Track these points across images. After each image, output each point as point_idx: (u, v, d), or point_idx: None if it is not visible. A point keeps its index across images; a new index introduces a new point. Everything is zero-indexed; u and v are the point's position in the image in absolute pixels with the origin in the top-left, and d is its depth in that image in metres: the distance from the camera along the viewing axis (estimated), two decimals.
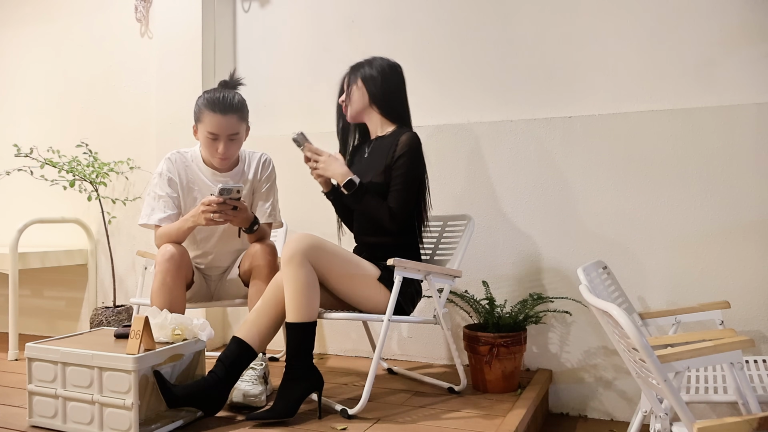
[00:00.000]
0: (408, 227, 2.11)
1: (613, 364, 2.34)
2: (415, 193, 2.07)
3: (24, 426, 1.81)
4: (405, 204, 2.03)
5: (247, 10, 2.99)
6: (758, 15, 2.19)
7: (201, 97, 2.12)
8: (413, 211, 2.10)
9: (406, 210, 2.04)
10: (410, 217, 2.10)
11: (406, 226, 2.10)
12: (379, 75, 2.13)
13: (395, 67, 2.17)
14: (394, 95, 2.15)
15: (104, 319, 2.75)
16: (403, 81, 2.18)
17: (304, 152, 2.08)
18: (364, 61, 2.17)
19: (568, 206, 2.41)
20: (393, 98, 2.15)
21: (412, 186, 2.05)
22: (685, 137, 2.26)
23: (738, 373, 1.34)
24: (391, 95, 2.14)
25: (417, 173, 2.06)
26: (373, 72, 2.13)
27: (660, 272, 2.28)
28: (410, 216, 2.10)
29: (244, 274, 2.17)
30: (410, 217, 2.10)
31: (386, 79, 2.13)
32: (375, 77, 2.12)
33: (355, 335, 2.74)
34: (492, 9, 2.55)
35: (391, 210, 2.02)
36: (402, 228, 2.08)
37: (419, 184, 2.09)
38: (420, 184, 2.10)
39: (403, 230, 2.10)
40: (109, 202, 3.08)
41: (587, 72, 2.41)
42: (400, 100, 2.17)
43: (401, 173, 2.03)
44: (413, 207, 2.09)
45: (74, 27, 3.30)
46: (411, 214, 2.10)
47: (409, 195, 2.04)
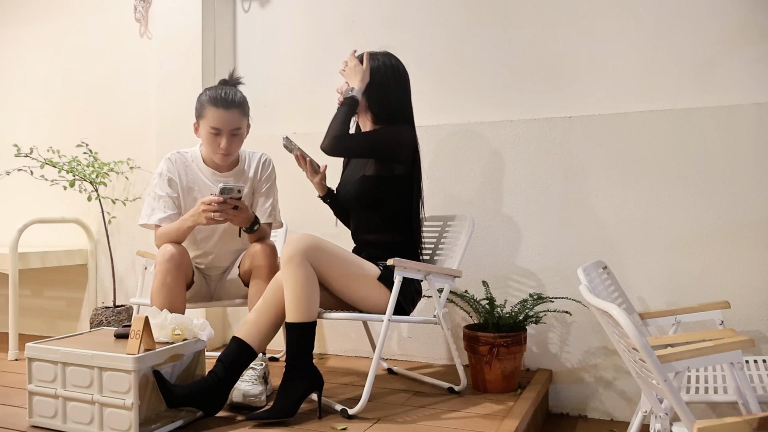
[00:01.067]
0: (402, 226, 2.10)
1: (613, 364, 2.34)
2: (369, 150, 2.05)
3: (24, 426, 1.81)
4: (353, 143, 2.03)
5: (247, 10, 2.99)
6: (758, 15, 2.19)
7: (203, 93, 2.13)
8: (407, 208, 2.10)
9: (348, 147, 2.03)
10: (404, 216, 2.09)
11: (399, 224, 2.10)
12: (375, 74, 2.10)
13: (396, 66, 2.14)
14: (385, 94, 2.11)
15: (104, 319, 2.75)
16: (400, 80, 2.14)
17: (296, 154, 2.15)
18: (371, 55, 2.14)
19: (568, 206, 2.41)
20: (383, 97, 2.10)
21: (368, 143, 2.04)
22: (685, 137, 2.26)
23: (738, 373, 1.34)
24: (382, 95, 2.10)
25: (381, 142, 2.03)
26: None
27: (660, 272, 2.28)
28: (404, 214, 2.09)
29: (244, 274, 2.17)
30: (404, 216, 2.09)
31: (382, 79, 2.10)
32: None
33: (355, 335, 2.74)
34: (492, 9, 2.55)
35: (342, 134, 2.00)
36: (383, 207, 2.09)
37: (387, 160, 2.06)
38: (417, 182, 2.09)
39: (398, 227, 2.10)
40: (109, 202, 3.08)
41: (587, 72, 2.41)
42: (396, 99, 2.12)
43: (369, 139, 2.05)
44: (409, 205, 2.09)
45: (74, 27, 3.30)
46: (405, 212, 2.09)
47: (363, 143, 2.04)
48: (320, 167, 2.22)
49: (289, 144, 2.14)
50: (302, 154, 2.18)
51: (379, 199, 2.08)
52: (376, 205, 2.09)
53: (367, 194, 2.08)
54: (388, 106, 2.10)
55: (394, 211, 2.10)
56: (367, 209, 2.12)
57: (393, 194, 2.08)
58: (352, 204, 2.16)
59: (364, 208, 2.12)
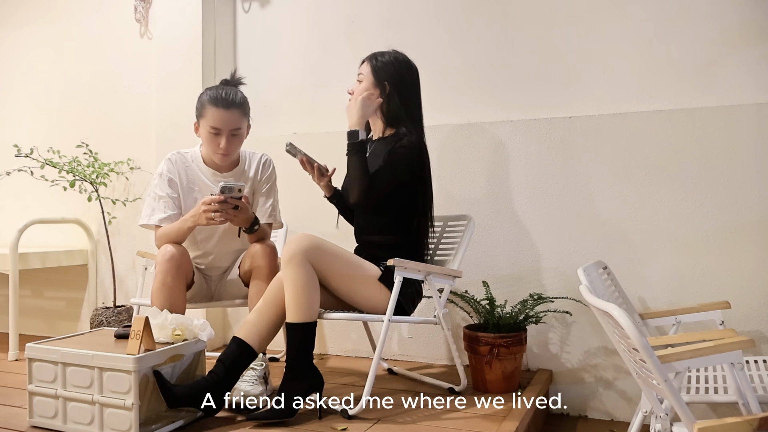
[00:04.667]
0: (406, 227, 2.10)
1: (613, 365, 2.34)
2: (392, 183, 2.02)
3: (24, 426, 1.81)
4: (379, 188, 2.01)
5: (248, 10, 2.99)
6: (758, 15, 2.19)
7: (203, 93, 2.13)
8: (413, 211, 2.09)
9: (377, 195, 2.01)
10: (410, 217, 2.09)
11: (405, 227, 2.09)
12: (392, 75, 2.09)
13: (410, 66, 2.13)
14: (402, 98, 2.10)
15: (104, 319, 2.74)
16: (411, 81, 2.13)
17: (300, 158, 2.14)
18: (379, 53, 2.13)
19: (568, 206, 2.41)
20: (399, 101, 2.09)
21: (389, 179, 2.02)
22: (686, 137, 2.26)
23: (738, 374, 1.34)
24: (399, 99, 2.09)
25: (403, 170, 2.02)
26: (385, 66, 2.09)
27: (660, 272, 2.28)
28: (410, 216, 2.09)
29: (244, 274, 2.17)
30: (410, 217, 2.09)
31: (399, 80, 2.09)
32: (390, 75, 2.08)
33: (356, 335, 2.74)
34: (492, 9, 2.55)
35: (369, 185, 2.00)
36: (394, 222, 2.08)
37: (408, 185, 2.05)
38: (422, 186, 2.08)
39: (403, 230, 2.09)
40: (109, 202, 3.08)
41: (587, 72, 2.41)
42: (404, 102, 2.11)
43: (391, 163, 2.02)
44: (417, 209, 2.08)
45: (74, 27, 3.30)
46: (411, 214, 2.09)
47: (384, 183, 2.02)
48: (328, 171, 2.20)
49: (293, 149, 2.13)
50: (308, 159, 2.17)
51: (387, 202, 2.07)
52: (384, 208, 2.08)
53: (376, 198, 2.07)
54: (399, 110, 2.09)
55: (401, 213, 2.08)
56: (373, 211, 2.11)
57: (402, 197, 2.07)
58: (359, 205, 2.14)
59: (371, 210, 2.11)
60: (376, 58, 2.12)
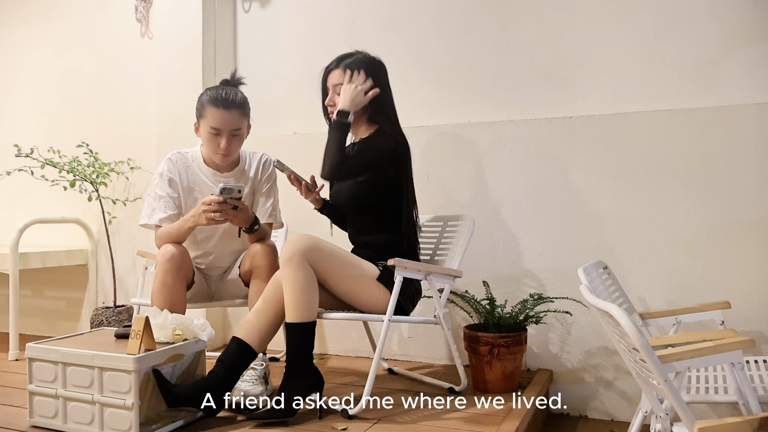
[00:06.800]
0: (396, 227, 2.09)
1: (613, 364, 2.34)
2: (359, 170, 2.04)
3: (24, 426, 1.81)
4: (348, 167, 2.02)
5: (248, 10, 2.99)
6: (758, 15, 2.19)
7: (204, 93, 2.13)
8: (399, 207, 2.09)
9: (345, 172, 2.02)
10: (396, 214, 2.09)
11: (393, 225, 2.09)
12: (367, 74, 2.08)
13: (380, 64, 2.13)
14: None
15: (105, 319, 2.75)
16: (385, 80, 2.13)
17: (288, 174, 2.14)
18: (346, 55, 2.12)
19: (568, 206, 2.41)
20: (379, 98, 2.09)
21: (358, 165, 2.03)
22: (686, 137, 2.26)
23: (738, 374, 1.34)
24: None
25: (367, 163, 2.03)
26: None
27: (660, 272, 2.28)
28: (396, 213, 2.08)
29: (244, 274, 2.17)
30: (396, 214, 2.09)
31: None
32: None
33: (356, 335, 2.74)
34: (492, 9, 2.55)
35: (341, 160, 1.99)
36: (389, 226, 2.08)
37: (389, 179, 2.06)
38: (406, 181, 2.08)
39: (392, 229, 2.09)
40: (109, 202, 3.08)
41: (587, 72, 2.41)
42: (381, 100, 2.10)
43: (361, 159, 2.03)
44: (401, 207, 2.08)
45: (74, 27, 3.30)
46: (397, 211, 2.08)
47: (353, 168, 2.03)
48: (316, 186, 2.20)
49: (281, 166, 2.12)
50: (295, 176, 2.16)
51: (371, 202, 2.08)
52: (369, 208, 2.09)
53: (360, 198, 2.08)
54: (379, 108, 2.10)
55: (386, 212, 2.09)
56: (360, 212, 2.12)
57: (384, 196, 2.07)
58: (346, 208, 2.16)
59: (358, 212, 2.12)
60: (346, 58, 2.10)
